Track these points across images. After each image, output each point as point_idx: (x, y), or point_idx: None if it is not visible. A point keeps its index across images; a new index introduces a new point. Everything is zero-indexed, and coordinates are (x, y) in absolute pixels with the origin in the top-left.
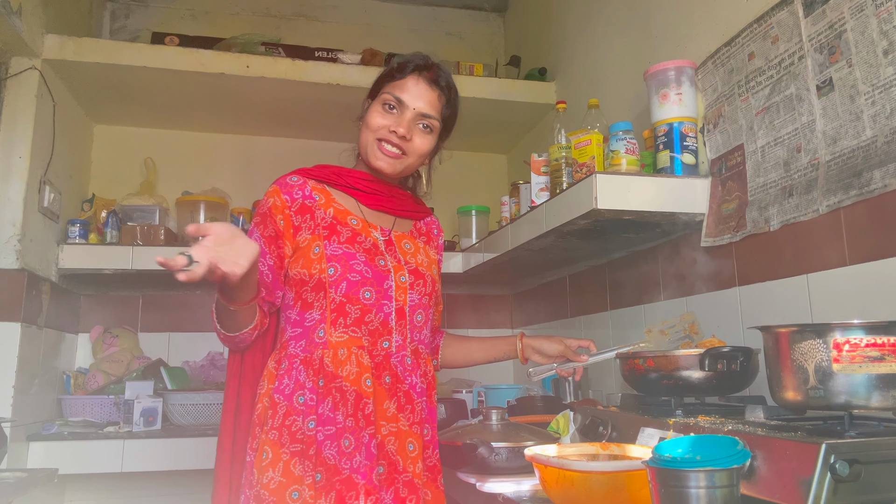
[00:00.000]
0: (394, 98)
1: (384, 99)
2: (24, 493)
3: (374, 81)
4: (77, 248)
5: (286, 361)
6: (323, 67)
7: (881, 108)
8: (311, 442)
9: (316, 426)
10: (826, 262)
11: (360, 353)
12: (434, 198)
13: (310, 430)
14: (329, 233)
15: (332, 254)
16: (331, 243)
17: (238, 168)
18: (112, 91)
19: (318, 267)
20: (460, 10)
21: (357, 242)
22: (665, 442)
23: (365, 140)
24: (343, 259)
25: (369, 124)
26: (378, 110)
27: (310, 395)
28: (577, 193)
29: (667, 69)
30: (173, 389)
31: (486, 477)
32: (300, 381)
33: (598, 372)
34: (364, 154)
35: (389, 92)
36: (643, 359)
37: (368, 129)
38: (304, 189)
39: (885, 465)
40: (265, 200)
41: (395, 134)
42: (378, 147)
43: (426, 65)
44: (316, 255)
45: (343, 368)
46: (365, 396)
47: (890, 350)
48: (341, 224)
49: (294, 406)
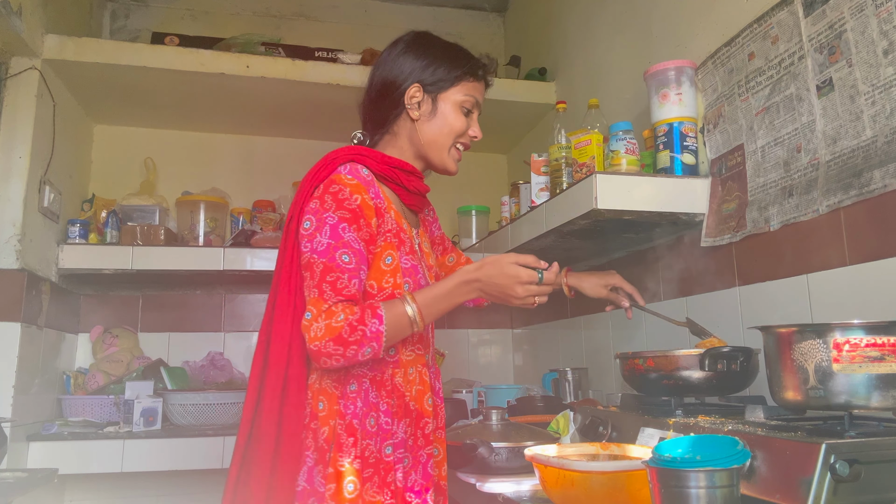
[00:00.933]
0: (475, 101)
1: (466, 101)
2: (24, 493)
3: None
4: (77, 248)
5: (354, 382)
6: (323, 67)
7: (881, 108)
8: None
9: (394, 451)
10: (826, 262)
11: (424, 372)
12: (434, 198)
13: (388, 457)
14: (398, 242)
15: (405, 267)
16: (402, 254)
17: (238, 168)
18: (112, 91)
19: (391, 281)
20: (460, 10)
21: (415, 252)
22: (665, 442)
23: (443, 141)
24: (412, 273)
25: (454, 126)
26: (459, 111)
27: (384, 417)
28: (577, 193)
29: (667, 69)
30: (173, 389)
31: (486, 477)
32: (372, 403)
33: (598, 372)
34: (433, 154)
35: (472, 95)
36: (643, 359)
37: (451, 131)
38: (375, 186)
39: (885, 465)
40: (349, 195)
41: (475, 139)
42: (457, 152)
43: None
44: (388, 266)
45: (412, 388)
46: (426, 416)
47: (890, 350)
48: (403, 231)
49: (367, 430)
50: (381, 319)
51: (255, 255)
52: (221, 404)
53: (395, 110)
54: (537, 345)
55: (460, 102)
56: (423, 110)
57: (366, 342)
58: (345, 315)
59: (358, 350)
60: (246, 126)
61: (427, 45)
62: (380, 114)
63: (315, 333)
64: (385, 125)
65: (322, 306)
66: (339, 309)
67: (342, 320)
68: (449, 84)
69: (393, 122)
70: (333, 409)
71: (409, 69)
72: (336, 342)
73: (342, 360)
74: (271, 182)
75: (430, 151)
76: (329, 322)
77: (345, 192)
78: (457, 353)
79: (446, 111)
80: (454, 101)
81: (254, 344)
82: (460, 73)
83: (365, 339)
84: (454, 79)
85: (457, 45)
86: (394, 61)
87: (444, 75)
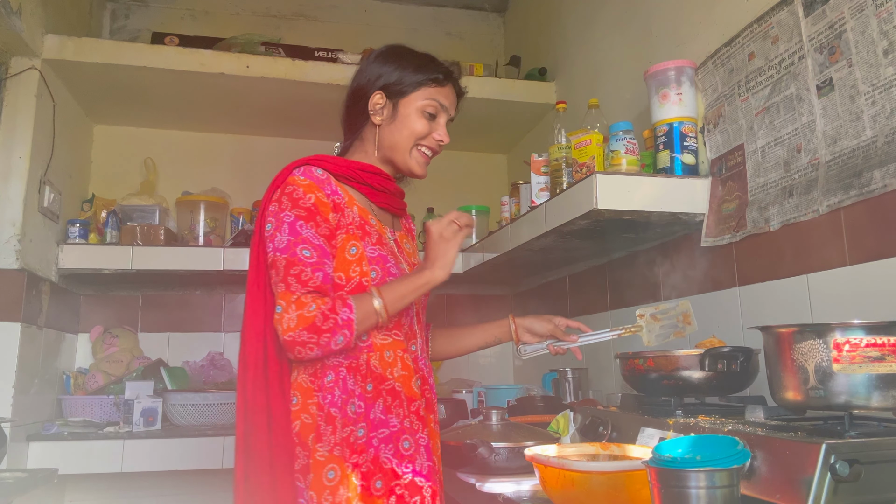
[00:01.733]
0: (439, 105)
1: (429, 106)
2: (24, 493)
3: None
4: (77, 248)
5: (331, 373)
6: (323, 67)
7: (881, 108)
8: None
9: (367, 432)
10: (826, 262)
11: (405, 356)
12: (434, 198)
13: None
14: (362, 233)
15: (371, 256)
16: (367, 244)
17: (238, 168)
18: (112, 91)
19: (358, 269)
20: (460, 10)
21: (384, 244)
22: (665, 442)
23: (404, 144)
24: (380, 262)
25: (413, 129)
26: (421, 116)
27: (358, 402)
28: (577, 193)
29: (667, 69)
30: (173, 389)
31: (486, 477)
32: (350, 390)
33: (599, 372)
34: (397, 157)
35: (435, 99)
36: (643, 359)
37: (412, 135)
38: (331, 184)
39: (885, 465)
40: (303, 194)
41: (440, 143)
42: (420, 154)
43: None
44: (353, 257)
45: (392, 370)
46: (416, 399)
47: (890, 350)
48: (367, 224)
49: (348, 416)
50: (350, 308)
51: None
52: (221, 404)
53: (362, 116)
54: None
55: (422, 107)
56: (384, 115)
57: (338, 330)
58: (316, 305)
59: (331, 338)
60: (246, 126)
61: (394, 55)
62: (351, 120)
63: (288, 325)
64: (356, 131)
65: (291, 297)
66: (310, 300)
67: (314, 310)
68: (410, 89)
69: (361, 128)
70: (306, 404)
71: (376, 76)
72: (310, 331)
73: (316, 348)
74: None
75: (393, 155)
76: (301, 312)
77: (298, 192)
78: None
79: (406, 115)
80: (416, 106)
81: None
82: (422, 79)
83: (337, 326)
84: (416, 84)
85: (426, 54)
86: (364, 70)
87: (406, 81)
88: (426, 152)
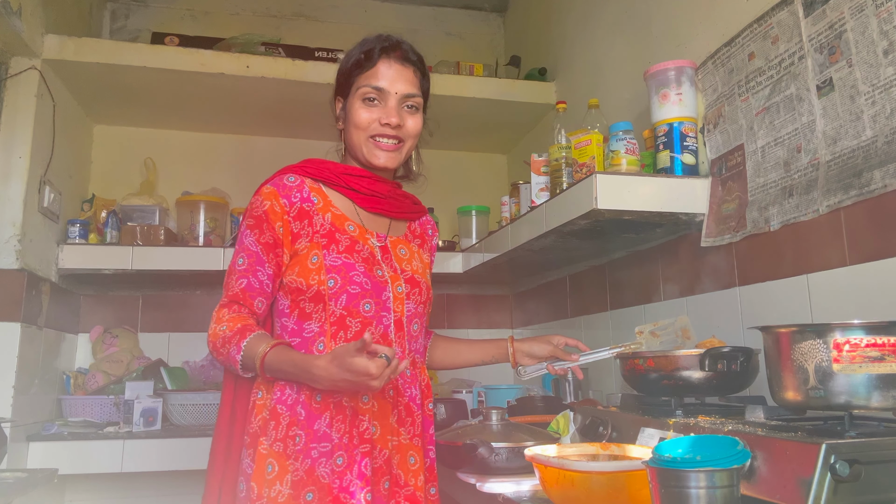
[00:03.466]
0: (373, 89)
1: (363, 93)
2: (24, 493)
3: (339, 76)
4: (77, 248)
5: None
6: (323, 67)
7: (881, 108)
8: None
9: (307, 442)
10: (826, 262)
11: None
12: (434, 198)
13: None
14: (328, 241)
15: (331, 264)
16: (330, 253)
17: (238, 168)
18: (112, 91)
19: (317, 278)
20: (460, 10)
21: (356, 251)
22: (665, 442)
23: (357, 140)
24: (343, 270)
25: (357, 122)
26: (361, 106)
27: (303, 410)
28: (577, 193)
29: (667, 69)
30: (173, 390)
31: (486, 477)
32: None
33: (598, 372)
34: (359, 154)
35: (366, 84)
36: (643, 359)
37: (357, 128)
38: (302, 191)
39: (885, 465)
40: (259, 203)
41: (389, 126)
42: (374, 144)
43: (392, 45)
44: (314, 266)
45: None
46: (361, 413)
47: (890, 350)
48: (339, 231)
49: (297, 418)
50: (240, 349)
51: None
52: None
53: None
54: None
55: (361, 96)
56: (341, 118)
57: (229, 361)
58: (227, 326)
59: (225, 362)
60: (246, 126)
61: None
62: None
63: (209, 330)
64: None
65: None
66: (226, 317)
67: (222, 331)
68: (349, 85)
69: (340, 136)
70: (268, 398)
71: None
72: (213, 346)
73: (219, 362)
74: None
75: (354, 153)
76: (215, 326)
77: (256, 202)
78: None
79: (351, 111)
80: (357, 99)
81: None
82: (352, 70)
83: (228, 359)
84: (349, 77)
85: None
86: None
87: (344, 80)
88: (382, 141)
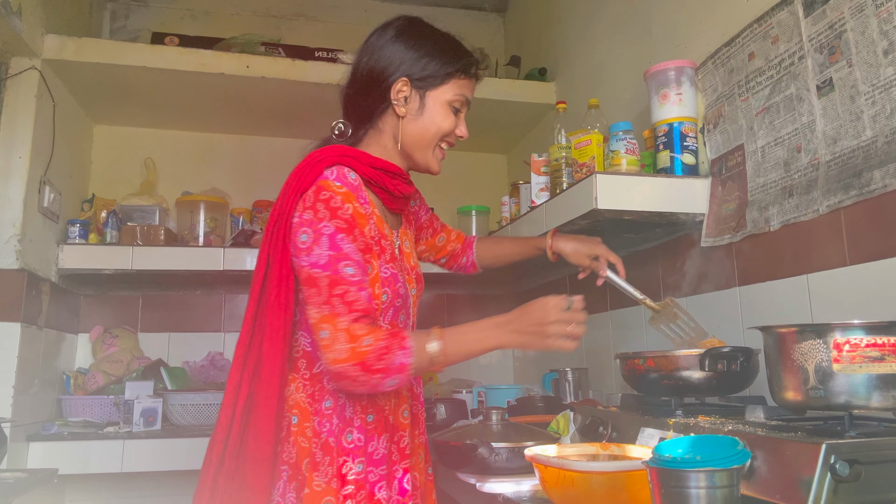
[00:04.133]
0: (465, 100)
1: (456, 100)
2: (24, 493)
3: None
4: (77, 249)
5: (329, 398)
6: (323, 67)
7: (881, 108)
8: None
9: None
10: (826, 262)
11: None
12: (434, 198)
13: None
14: (379, 249)
15: (383, 276)
16: (381, 263)
17: (238, 168)
18: (112, 91)
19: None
20: (460, 10)
21: (396, 260)
22: (665, 442)
23: (428, 140)
24: (391, 282)
25: (441, 127)
26: (448, 110)
27: (357, 434)
28: (577, 193)
29: (667, 69)
30: (173, 390)
31: (486, 477)
32: (347, 419)
33: (599, 372)
34: (418, 153)
35: (462, 94)
36: (643, 359)
37: (438, 131)
38: (362, 192)
39: (885, 465)
40: (342, 206)
41: (461, 139)
42: (440, 150)
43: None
44: (371, 276)
45: (390, 401)
46: (401, 429)
47: (890, 350)
48: (383, 237)
49: (343, 447)
50: (408, 352)
51: (255, 255)
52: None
53: (381, 104)
54: None
55: (450, 101)
56: (410, 107)
57: (391, 373)
58: (373, 340)
59: (382, 380)
60: (246, 126)
61: (419, 36)
62: (365, 107)
63: (337, 356)
64: (370, 119)
65: (339, 323)
66: (363, 331)
67: (368, 346)
68: (439, 81)
69: (378, 117)
70: (304, 427)
71: (399, 61)
72: (361, 367)
73: (366, 387)
74: (271, 182)
75: (414, 150)
76: (353, 346)
77: (336, 201)
78: None
79: (435, 110)
80: (444, 100)
81: None
82: (452, 70)
83: (391, 369)
84: (445, 76)
85: (450, 36)
86: (381, 49)
87: (436, 71)
88: (445, 148)
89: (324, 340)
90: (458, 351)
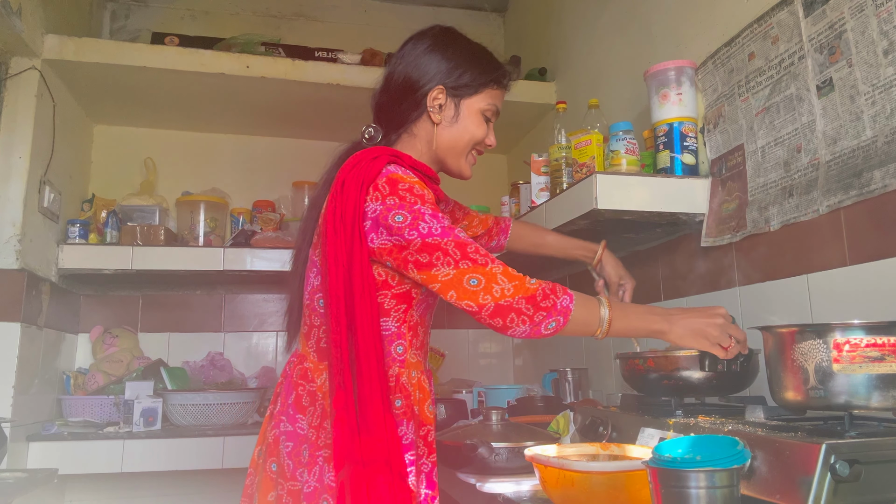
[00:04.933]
0: (496, 110)
1: (489, 110)
2: (24, 493)
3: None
4: (77, 249)
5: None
6: (323, 67)
7: (881, 109)
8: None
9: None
10: (826, 262)
11: (423, 378)
12: None
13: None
14: None
15: None
16: None
17: (238, 168)
18: (112, 91)
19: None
20: (460, 10)
21: None
22: (665, 442)
23: (461, 147)
24: None
25: (475, 134)
26: (481, 118)
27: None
28: (577, 193)
29: (667, 69)
30: (173, 390)
31: (486, 477)
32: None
33: (599, 372)
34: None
35: (494, 103)
36: (643, 359)
37: (471, 138)
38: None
39: (885, 465)
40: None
41: (490, 147)
42: (472, 157)
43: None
44: None
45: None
46: (427, 423)
47: (890, 350)
48: None
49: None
50: (571, 298)
51: (255, 255)
52: (221, 404)
53: (416, 111)
54: (537, 345)
55: (482, 110)
56: (445, 114)
57: (553, 313)
58: (536, 280)
59: (545, 318)
60: (246, 126)
61: (454, 46)
62: (399, 113)
63: (503, 292)
64: (404, 125)
65: (491, 269)
66: (522, 274)
67: (535, 284)
68: (473, 91)
69: (413, 123)
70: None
71: (434, 70)
72: (529, 301)
73: (528, 323)
74: (271, 182)
75: (447, 156)
76: (520, 283)
77: (417, 189)
78: (457, 353)
79: (468, 118)
80: (477, 108)
81: (254, 344)
82: (486, 80)
83: (555, 309)
84: (479, 86)
85: (483, 47)
86: (418, 58)
87: (470, 81)
88: (475, 155)
89: (475, 287)
90: (622, 325)
